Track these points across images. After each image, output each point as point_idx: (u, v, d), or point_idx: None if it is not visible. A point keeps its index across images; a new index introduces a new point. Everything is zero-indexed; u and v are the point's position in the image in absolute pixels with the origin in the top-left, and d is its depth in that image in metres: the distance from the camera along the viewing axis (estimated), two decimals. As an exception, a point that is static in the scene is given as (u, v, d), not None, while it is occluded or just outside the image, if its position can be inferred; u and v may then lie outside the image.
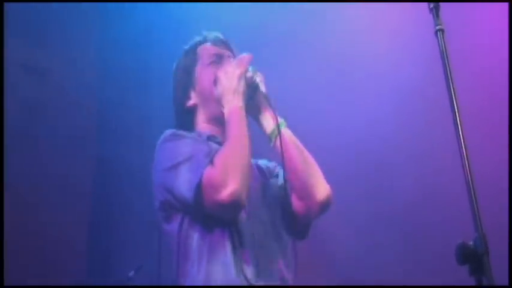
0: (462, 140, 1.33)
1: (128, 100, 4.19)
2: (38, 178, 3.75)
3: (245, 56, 1.95)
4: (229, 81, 1.88)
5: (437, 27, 1.43)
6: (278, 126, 1.88)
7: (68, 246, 3.90)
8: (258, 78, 1.90)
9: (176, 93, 2.07)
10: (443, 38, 1.42)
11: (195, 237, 1.78)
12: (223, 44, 2.09)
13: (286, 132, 1.93)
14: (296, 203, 1.89)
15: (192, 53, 2.07)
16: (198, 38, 2.10)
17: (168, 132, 1.92)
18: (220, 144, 1.88)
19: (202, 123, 2.02)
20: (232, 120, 1.83)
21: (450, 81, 1.37)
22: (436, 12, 1.45)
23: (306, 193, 1.88)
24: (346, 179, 3.41)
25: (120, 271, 3.68)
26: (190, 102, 2.03)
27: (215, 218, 1.75)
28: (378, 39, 3.88)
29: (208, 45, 2.06)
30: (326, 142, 3.65)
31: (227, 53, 2.07)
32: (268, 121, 1.95)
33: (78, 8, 4.10)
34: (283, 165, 1.87)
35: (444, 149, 1.42)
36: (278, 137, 1.87)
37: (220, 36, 2.11)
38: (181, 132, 1.92)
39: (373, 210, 3.66)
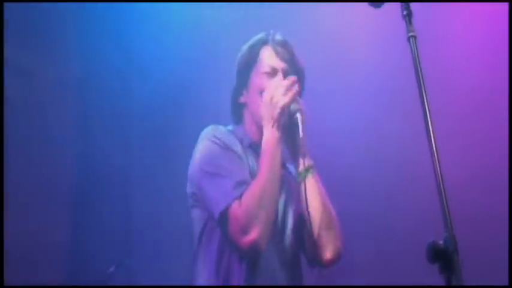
0: (433, 142, 1.35)
1: (111, 100, 4.26)
2: (22, 177, 3.71)
3: (294, 85, 1.92)
4: (272, 109, 1.88)
5: (410, 34, 1.45)
6: (306, 170, 1.90)
7: (52, 247, 3.90)
8: (300, 117, 1.88)
9: (234, 85, 2.09)
10: (415, 44, 1.44)
11: (216, 242, 1.86)
12: (284, 49, 2.04)
13: (312, 179, 1.92)
14: (308, 249, 1.95)
15: (255, 51, 2.06)
16: (263, 36, 2.08)
17: (218, 131, 1.97)
18: (259, 155, 1.91)
19: (248, 122, 2.05)
20: (267, 153, 1.86)
21: (422, 86, 1.39)
22: (408, 19, 1.47)
23: (316, 249, 1.91)
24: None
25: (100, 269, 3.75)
26: (241, 99, 2.06)
27: None
28: (357, 43, 3.95)
29: (270, 49, 2.04)
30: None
31: (282, 66, 2.02)
32: (298, 161, 1.95)
33: (62, 8, 4.06)
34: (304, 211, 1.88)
35: (421, 149, 1.47)
36: (303, 183, 1.88)
37: (283, 39, 2.07)
38: (229, 137, 1.96)
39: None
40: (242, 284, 1.81)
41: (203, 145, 1.94)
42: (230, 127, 2.08)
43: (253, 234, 1.73)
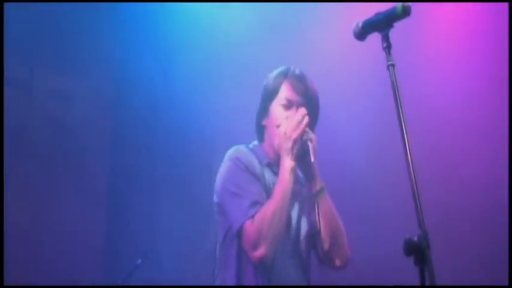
0: (408, 147, 1.53)
1: (138, 120, 4.57)
2: (61, 184, 4.10)
3: (305, 118, 2.13)
4: (286, 141, 2.11)
5: (389, 63, 1.62)
6: (320, 192, 2.17)
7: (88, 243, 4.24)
8: (311, 145, 2.09)
9: (258, 109, 2.30)
10: (394, 72, 1.60)
11: (235, 248, 2.12)
12: (301, 83, 2.23)
13: (324, 198, 2.18)
14: (321, 257, 2.22)
15: (276, 84, 2.25)
16: (285, 70, 2.28)
17: (240, 153, 2.20)
18: (275, 174, 2.15)
19: (268, 142, 2.26)
20: (282, 181, 2.09)
21: (400, 111, 1.56)
22: (388, 51, 1.64)
23: (327, 258, 2.20)
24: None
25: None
26: (263, 122, 2.28)
27: None
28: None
29: (288, 83, 2.23)
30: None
31: (297, 99, 2.21)
32: (310, 184, 2.20)
33: (98, 40, 4.38)
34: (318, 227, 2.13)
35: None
36: (316, 204, 2.15)
37: (301, 73, 2.27)
38: (249, 158, 2.18)
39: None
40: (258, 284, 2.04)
41: (227, 165, 2.18)
42: (255, 142, 2.32)
43: (261, 250, 1.99)
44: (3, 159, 3.51)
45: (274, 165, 2.20)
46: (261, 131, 2.31)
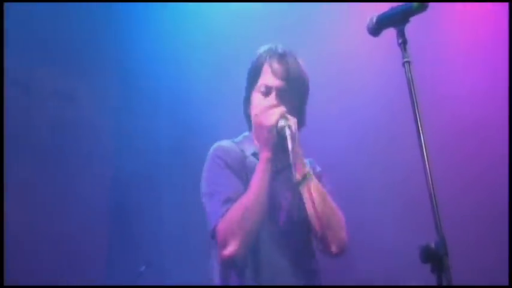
0: (425, 150, 1.47)
1: (142, 121, 4.49)
2: (63, 187, 4.01)
3: (278, 109, 1.98)
4: (260, 131, 1.98)
5: (405, 60, 1.56)
6: (304, 178, 1.98)
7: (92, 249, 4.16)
8: (288, 132, 1.92)
9: (243, 97, 2.18)
10: (409, 69, 1.54)
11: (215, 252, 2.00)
12: (281, 65, 2.07)
13: (311, 184, 1.99)
14: (317, 244, 2.07)
15: (259, 65, 2.10)
16: (264, 51, 2.12)
17: (220, 149, 2.08)
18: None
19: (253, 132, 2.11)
20: (257, 173, 1.95)
21: (416, 108, 1.50)
22: (404, 46, 1.57)
23: (322, 244, 2.03)
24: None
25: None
26: (248, 111, 2.15)
27: None
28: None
29: (268, 65, 2.07)
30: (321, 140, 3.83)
31: (277, 83, 2.05)
32: (295, 170, 1.94)
33: (101, 39, 4.31)
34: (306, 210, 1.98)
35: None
36: (304, 187, 1.98)
37: (283, 52, 2.09)
38: (230, 153, 2.07)
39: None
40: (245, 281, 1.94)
41: (206, 165, 2.08)
42: (246, 133, 2.20)
43: (230, 248, 1.87)
44: (3, 161, 3.43)
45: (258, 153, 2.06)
46: (248, 120, 2.18)
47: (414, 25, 1.56)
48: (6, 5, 3.53)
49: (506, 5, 3.69)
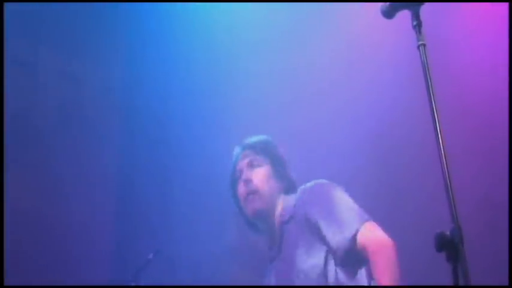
0: (441, 142, 1.42)
1: (150, 109, 4.40)
2: (70, 170, 3.92)
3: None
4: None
5: (420, 43, 1.51)
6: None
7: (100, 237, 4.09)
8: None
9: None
10: (425, 52, 1.50)
11: None
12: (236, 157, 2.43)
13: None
14: None
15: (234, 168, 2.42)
16: (236, 154, 2.43)
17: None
18: None
19: None
20: None
21: (431, 93, 1.46)
22: (418, 29, 1.53)
23: None
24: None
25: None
26: None
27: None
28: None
29: (240, 160, 2.40)
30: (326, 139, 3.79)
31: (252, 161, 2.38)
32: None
33: (109, 24, 4.26)
34: None
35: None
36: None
37: (253, 146, 2.41)
38: None
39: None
40: None
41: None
42: None
43: None
44: (3, 146, 3.33)
45: None
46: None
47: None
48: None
49: (506, 5, 3.65)
